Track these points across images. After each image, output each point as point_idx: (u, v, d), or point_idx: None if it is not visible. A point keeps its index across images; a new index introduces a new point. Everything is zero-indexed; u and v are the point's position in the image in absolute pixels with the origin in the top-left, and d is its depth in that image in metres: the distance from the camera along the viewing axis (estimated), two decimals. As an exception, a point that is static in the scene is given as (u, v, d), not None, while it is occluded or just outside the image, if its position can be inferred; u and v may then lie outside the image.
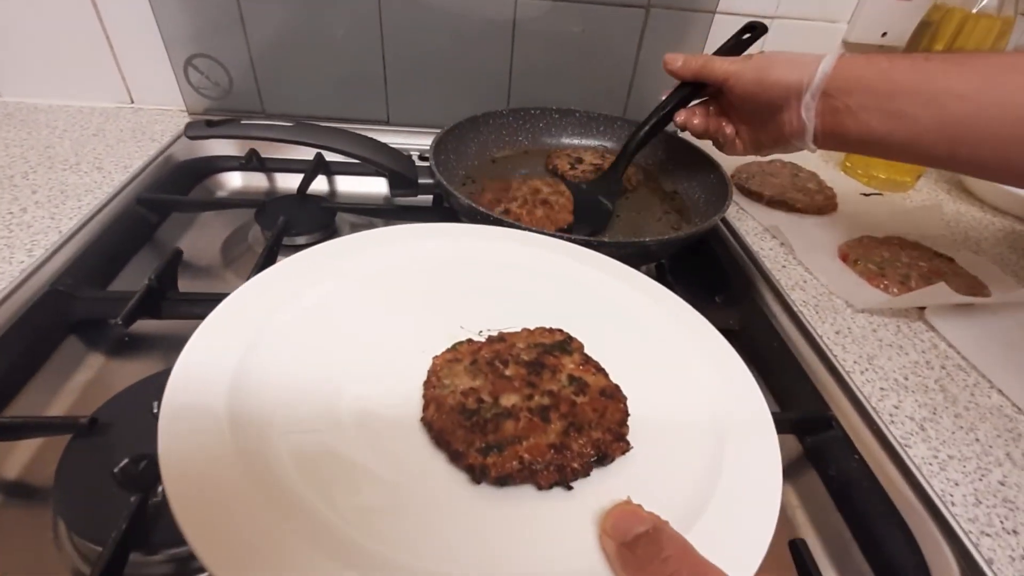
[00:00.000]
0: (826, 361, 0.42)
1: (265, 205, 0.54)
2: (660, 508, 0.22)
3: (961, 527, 0.31)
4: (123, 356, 0.42)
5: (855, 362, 0.42)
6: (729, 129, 0.49)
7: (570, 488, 0.24)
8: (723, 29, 0.68)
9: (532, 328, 0.32)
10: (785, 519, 0.37)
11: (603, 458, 0.25)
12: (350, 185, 0.65)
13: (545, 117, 0.67)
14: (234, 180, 0.63)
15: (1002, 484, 0.34)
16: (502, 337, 0.31)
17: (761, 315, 0.48)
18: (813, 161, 0.72)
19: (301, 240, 0.52)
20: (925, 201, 0.70)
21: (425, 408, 0.26)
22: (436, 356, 0.29)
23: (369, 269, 0.35)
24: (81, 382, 0.40)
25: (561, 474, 0.24)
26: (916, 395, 0.40)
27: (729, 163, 0.67)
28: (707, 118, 0.51)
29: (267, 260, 0.44)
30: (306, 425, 0.24)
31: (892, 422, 0.38)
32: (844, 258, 0.54)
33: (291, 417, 0.24)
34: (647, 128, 0.54)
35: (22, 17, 0.63)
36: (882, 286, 0.50)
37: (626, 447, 0.26)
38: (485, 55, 0.67)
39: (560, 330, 0.32)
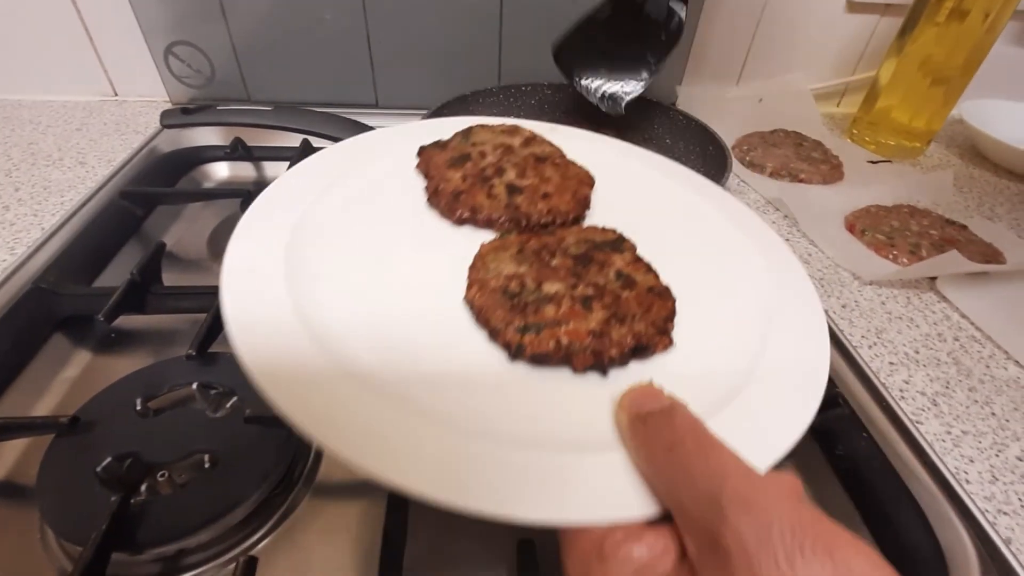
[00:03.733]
0: (832, 336, 0.40)
1: (252, 195, 0.52)
2: (692, 401, 0.21)
3: (977, 506, 0.30)
4: (111, 352, 0.41)
5: (863, 336, 0.41)
6: None
7: (605, 375, 0.24)
8: (716, 9, 0.66)
9: (585, 226, 0.31)
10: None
11: (643, 349, 0.24)
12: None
13: (537, 93, 0.65)
14: (220, 170, 0.62)
15: (1020, 460, 0.33)
16: (552, 231, 0.30)
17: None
18: (818, 130, 0.69)
19: (289, 229, 0.51)
20: (936, 167, 0.67)
21: (468, 288, 0.26)
22: (484, 243, 0.29)
23: (411, 160, 0.35)
24: (68, 379, 0.39)
25: (598, 359, 0.23)
26: (928, 369, 0.38)
27: (729, 135, 0.65)
28: None
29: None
30: (356, 297, 0.26)
31: (902, 398, 0.36)
32: (851, 229, 0.52)
33: (342, 289, 0.26)
34: None
35: (0, 13, 0.61)
36: (891, 256, 0.48)
37: (668, 342, 0.25)
38: (473, 31, 0.65)
39: (613, 230, 0.30)
